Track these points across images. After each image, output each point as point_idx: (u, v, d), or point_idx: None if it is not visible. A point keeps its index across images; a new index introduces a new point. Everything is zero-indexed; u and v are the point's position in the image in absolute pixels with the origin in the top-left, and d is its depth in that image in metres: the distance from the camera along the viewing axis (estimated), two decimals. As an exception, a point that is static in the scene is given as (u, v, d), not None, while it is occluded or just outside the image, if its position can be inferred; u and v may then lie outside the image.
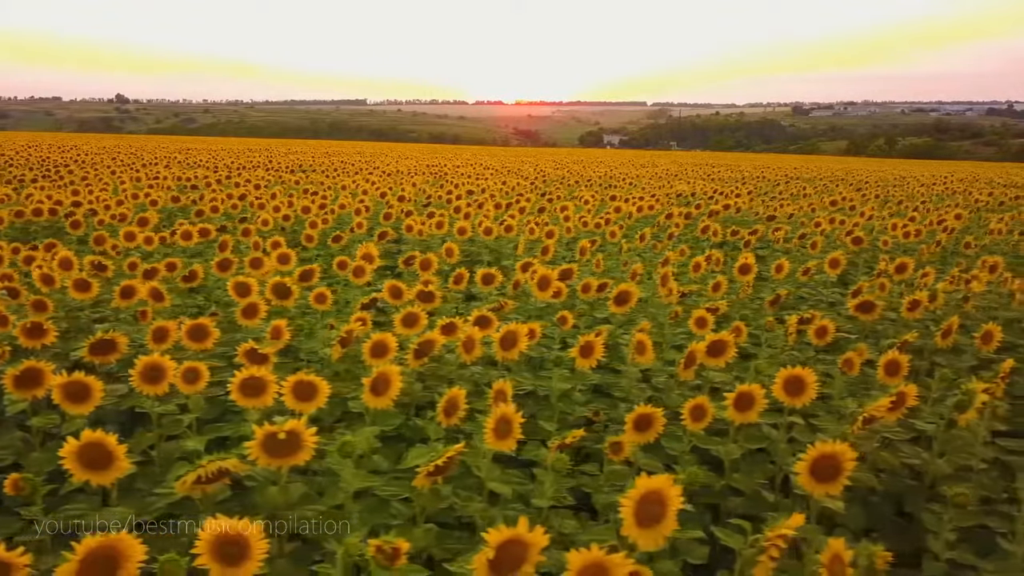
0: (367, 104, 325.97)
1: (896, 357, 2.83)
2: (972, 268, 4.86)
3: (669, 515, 1.44)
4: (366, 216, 7.21)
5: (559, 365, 2.80)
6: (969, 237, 6.25)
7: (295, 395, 2.26)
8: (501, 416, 1.91)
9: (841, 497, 1.94)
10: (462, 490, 2.05)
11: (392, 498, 1.97)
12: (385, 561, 1.37)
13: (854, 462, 1.90)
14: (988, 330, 3.33)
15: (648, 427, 2.37)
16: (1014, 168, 36.41)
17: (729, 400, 2.34)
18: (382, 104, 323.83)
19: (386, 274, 5.54)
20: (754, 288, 5.02)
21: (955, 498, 1.96)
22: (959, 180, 17.91)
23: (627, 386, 2.97)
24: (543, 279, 3.79)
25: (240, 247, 5.51)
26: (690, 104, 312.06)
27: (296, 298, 3.67)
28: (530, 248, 5.70)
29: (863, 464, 2.51)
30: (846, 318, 4.06)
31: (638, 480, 1.42)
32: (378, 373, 2.30)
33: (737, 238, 6.31)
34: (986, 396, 2.38)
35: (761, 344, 3.52)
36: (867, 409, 2.32)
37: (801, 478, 1.89)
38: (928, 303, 3.85)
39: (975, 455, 2.49)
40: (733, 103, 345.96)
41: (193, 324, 2.78)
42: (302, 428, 1.83)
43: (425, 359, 2.85)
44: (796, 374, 2.36)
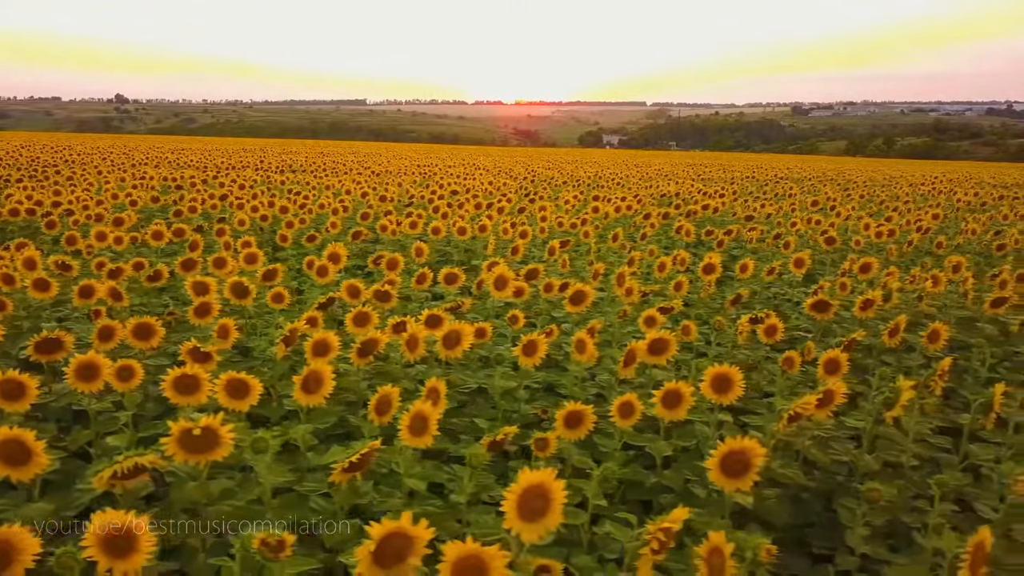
0: (367, 104, 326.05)
1: (836, 355, 2.86)
2: (936, 268, 4.89)
3: (554, 509, 1.47)
4: (344, 216, 7.25)
5: (501, 363, 2.83)
6: (941, 237, 6.28)
7: (228, 393, 2.29)
8: (416, 413, 1.94)
9: (751, 492, 1.98)
10: (386, 487, 2.08)
11: (311, 493, 2.00)
12: (270, 553, 1.40)
13: (764, 458, 1.94)
14: (935, 328, 3.36)
15: (579, 424, 2.40)
16: (1011, 168, 36.44)
17: (657, 397, 2.37)
18: (382, 104, 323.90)
19: (357, 273, 5.58)
20: (723, 288, 5.06)
21: (867, 493, 1.99)
22: (949, 180, 17.94)
23: (570, 384, 2.99)
24: (499, 278, 3.82)
25: (214, 247, 5.54)
26: (690, 104, 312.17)
27: (255, 297, 3.71)
28: (503, 248, 5.74)
29: (794, 461, 2.54)
30: (806, 317, 4.09)
31: (521, 474, 1.45)
32: (309, 371, 2.33)
33: (711, 238, 6.34)
34: (912, 393, 2.42)
35: (711, 343, 3.54)
36: (792, 406, 2.35)
37: (712, 474, 1.92)
38: (882, 302, 3.88)
39: (906, 451, 2.52)
40: (733, 103, 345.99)
41: (138, 323, 2.81)
42: (218, 424, 1.86)
43: (370, 357, 2.89)
44: (723, 372, 2.39)
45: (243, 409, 2.31)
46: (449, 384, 3.05)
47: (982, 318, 4.04)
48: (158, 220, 6.57)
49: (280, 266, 4.39)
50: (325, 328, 3.26)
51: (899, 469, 2.55)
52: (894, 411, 2.42)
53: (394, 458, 1.99)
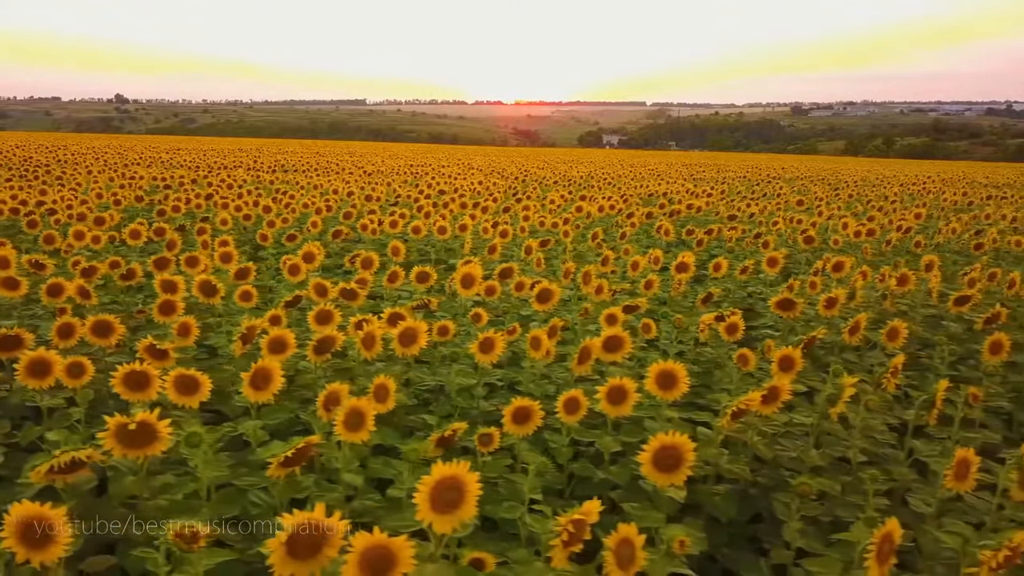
0: (367, 104, 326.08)
1: (790, 353, 2.88)
2: (908, 267, 4.91)
3: (467, 500, 1.50)
4: (327, 215, 7.29)
5: (456, 361, 2.86)
6: (920, 236, 6.30)
7: (178, 389, 2.32)
8: (352, 409, 1.97)
9: (684, 487, 2.00)
10: (328, 482, 2.11)
11: (251, 488, 2.03)
12: (184, 545, 1.43)
13: (694, 453, 1.96)
14: (893, 327, 3.39)
15: (527, 420, 2.42)
16: (1007, 168, 36.46)
17: (602, 393, 2.39)
18: (382, 104, 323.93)
19: (336, 272, 5.61)
20: (702, 287, 5.08)
21: (798, 487, 2.02)
22: (941, 180, 17.96)
23: (527, 381, 3.02)
24: (466, 277, 3.85)
25: (195, 246, 5.57)
26: (689, 104, 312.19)
27: (225, 296, 3.74)
28: (481, 247, 5.76)
29: (741, 457, 2.57)
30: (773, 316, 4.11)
31: (433, 467, 1.48)
32: (256, 368, 2.36)
33: (692, 238, 6.36)
34: (853, 389, 2.44)
35: (671, 341, 3.57)
36: (735, 403, 2.38)
37: (644, 469, 1.94)
38: (846, 301, 3.90)
39: (852, 447, 2.55)
40: (732, 103, 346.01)
41: (96, 320, 2.85)
42: (154, 419, 1.89)
43: (328, 355, 2.91)
44: (667, 368, 2.42)
45: (193, 405, 2.34)
46: (408, 382, 3.08)
47: (947, 316, 4.06)
48: (141, 219, 6.60)
49: (252, 265, 4.42)
50: (294, 326, 3.30)
51: (847, 465, 2.58)
52: (837, 407, 2.45)
53: (332, 453, 2.02)
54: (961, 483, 1.98)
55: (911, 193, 12.79)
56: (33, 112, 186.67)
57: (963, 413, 2.54)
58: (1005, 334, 3.36)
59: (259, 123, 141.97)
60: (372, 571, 1.37)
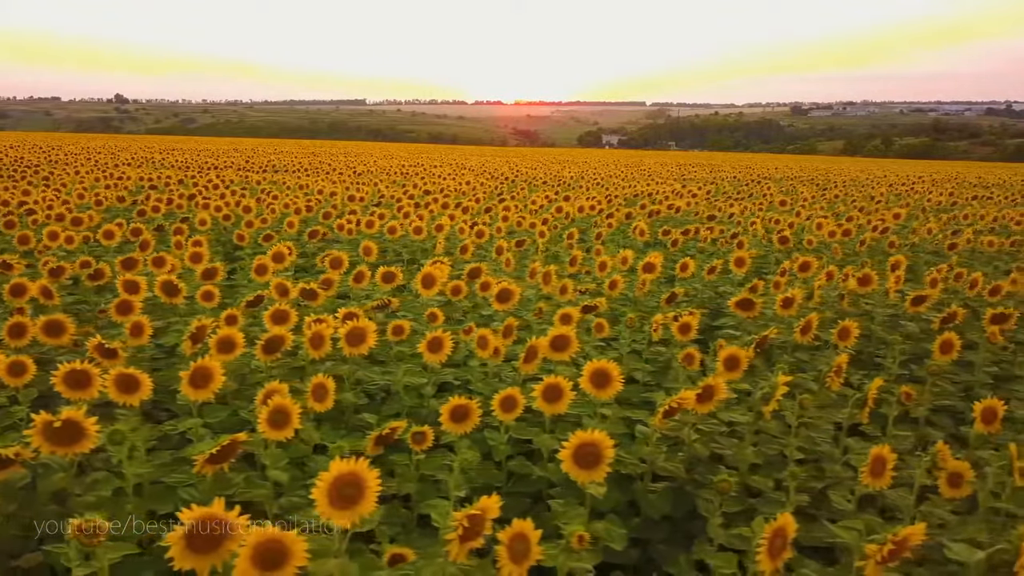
0: (366, 104, 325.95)
1: (735, 352, 2.91)
2: (873, 267, 4.94)
3: (367, 497, 1.53)
4: (307, 215, 7.33)
5: (401, 360, 2.89)
6: (894, 236, 6.33)
7: (118, 387, 2.35)
8: (276, 407, 2.00)
9: (604, 483, 2.03)
10: (258, 479, 2.14)
11: (180, 484, 2.06)
12: (85, 539, 1.46)
13: (614, 450, 2.00)
14: (844, 327, 3.42)
15: (465, 418, 2.46)
16: (1003, 168, 36.48)
17: (538, 391, 2.42)
18: (381, 104, 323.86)
19: (310, 271, 5.64)
20: (674, 287, 5.11)
21: (718, 484, 2.05)
22: (931, 181, 17.98)
23: (476, 380, 3.06)
24: (427, 277, 3.88)
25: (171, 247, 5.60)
26: (689, 104, 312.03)
27: (187, 296, 3.77)
28: (454, 248, 5.79)
29: (678, 455, 2.60)
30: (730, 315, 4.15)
31: (332, 464, 1.51)
32: (196, 367, 2.39)
33: (667, 238, 6.39)
34: (786, 388, 2.48)
35: (625, 340, 3.60)
36: (667, 401, 2.41)
37: (565, 465, 1.98)
38: (803, 300, 3.93)
39: (788, 445, 2.58)
40: (732, 103, 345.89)
41: (48, 320, 2.88)
42: (81, 417, 1.92)
43: (277, 354, 2.95)
44: (601, 367, 2.45)
45: (134, 403, 2.37)
46: (357, 381, 3.12)
47: (905, 316, 4.10)
48: (119, 220, 6.64)
49: (220, 265, 4.46)
50: (257, 326, 3.33)
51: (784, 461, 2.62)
52: (769, 406, 2.49)
53: (258, 450, 2.05)
54: (877, 480, 2.02)
55: (897, 193, 12.82)
56: (33, 112, 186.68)
57: (897, 412, 2.57)
58: (956, 334, 3.40)
59: (258, 123, 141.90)
60: (264, 565, 1.40)
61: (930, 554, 1.92)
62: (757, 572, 1.54)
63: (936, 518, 2.06)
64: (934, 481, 2.10)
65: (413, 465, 2.37)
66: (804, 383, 3.26)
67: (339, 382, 3.11)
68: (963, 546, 1.60)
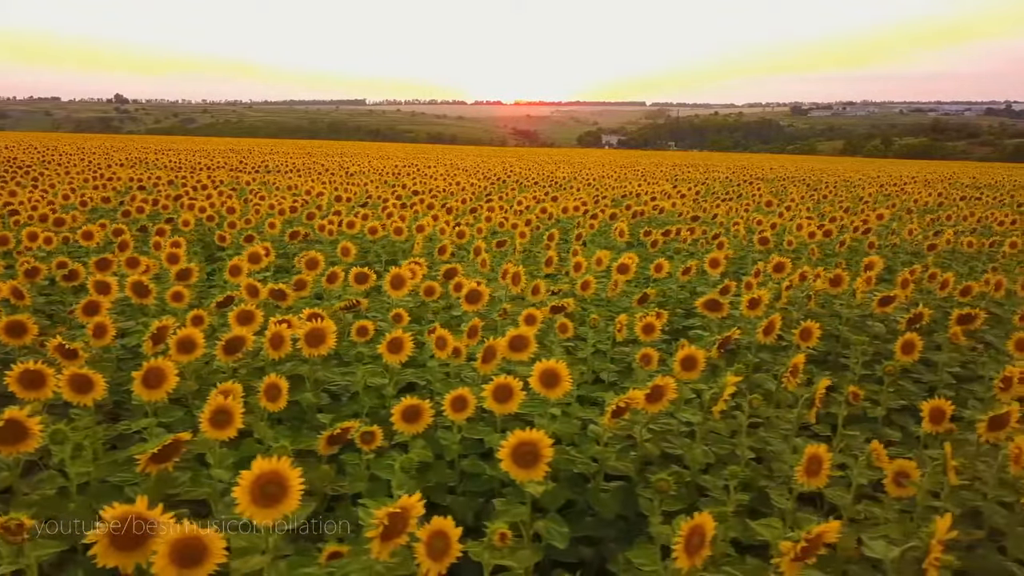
0: (366, 104, 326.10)
1: (692, 352, 2.94)
2: (842, 268, 4.96)
3: (290, 495, 1.56)
4: (291, 216, 7.35)
5: (361, 361, 2.92)
6: (873, 237, 6.36)
7: (72, 388, 2.38)
8: (217, 407, 2.03)
9: (544, 482, 2.06)
10: (206, 478, 2.17)
11: (125, 484, 2.09)
12: (9, 537, 1.49)
13: (552, 449, 2.02)
14: (806, 327, 3.44)
15: (417, 418, 2.49)
16: (999, 168, 36.52)
17: (488, 391, 2.45)
18: (381, 104, 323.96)
19: (291, 272, 5.67)
20: (648, 287, 5.13)
21: (656, 483, 2.07)
22: (924, 181, 18.00)
23: (435, 380, 3.08)
24: (396, 278, 3.91)
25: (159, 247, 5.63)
26: (689, 104, 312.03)
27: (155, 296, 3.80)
28: (431, 248, 5.82)
29: (630, 454, 2.62)
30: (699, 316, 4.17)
31: (254, 462, 1.54)
32: (148, 367, 2.41)
33: (648, 239, 6.42)
34: (734, 388, 2.50)
35: (587, 341, 3.63)
36: (615, 400, 2.44)
37: (504, 464, 2.00)
38: (771, 301, 3.96)
39: (738, 445, 2.61)
40: (732, 103, 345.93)
41: (9, 321, 2.90)
42: (23, 417, 1.94)
43: (239, 354, 2.97)
44: (550, 367, 2.47)
45: (88, 403, 2.40)
46: (317, 382, 3.14)
47: (872, 316, 4.12)
48: (103, 221, 6.66)
49: (194, 266, 4.49)
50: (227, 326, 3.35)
51: (735, 460, 2.64)
52: (718, 406, 2.51)
53: (200, 450, 2.08)
54: (813, 479, 2.04)
55: (887, 194, 12.85)
56: (33, 112, 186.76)
57: (847, 412, 2.59)
58: (921, 335, 3.42)
59: (258, 123, 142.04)
60: (183, 562, 1.43)
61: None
62: (675, 569, 1.56)
63: (874, 516, 2.08)
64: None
65: (364, 465, 2.39)
66: (765, 383, 3.29)
67: (300, 382, 3.15)
68: (881, 543, 1.62)
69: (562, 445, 2.72)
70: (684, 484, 2.58)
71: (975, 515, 2.33)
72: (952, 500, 2.15)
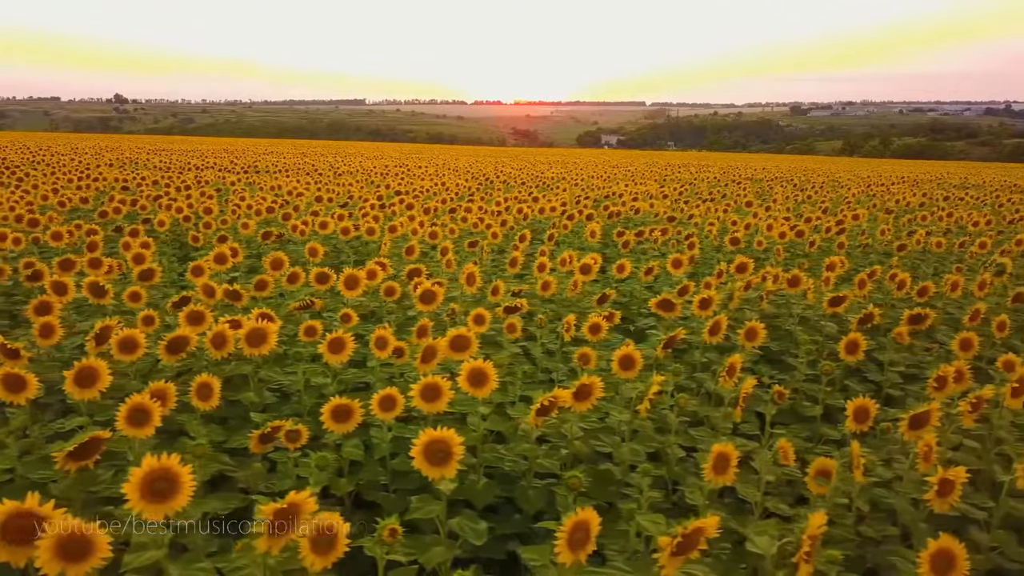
0: (366, 104, 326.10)
1: (629, 352, 2.97)
2: (796, 268, 5.00)
3: (181, 491, 1.60)
4: (268, 216, 7.39)
5: (300, 360, 2.95)
6: (843, 238, 6.39)
7: (4, 387, 2.42)
8: (134, 405, 2.06)
9: (456, 480, 2.10)
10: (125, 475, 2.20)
11: (46, 481, 2.13)
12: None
13: (463, 447, 2.06)
14: (751, 327, 3.48)
15: (347, 417, 2.53)
16: (997, 168, 36.53)
17: (415, 391, 2.48)
18: (381, 104, 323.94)
19: (260, 272, 5.71)
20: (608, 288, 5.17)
21: (568, 481, 2.11)
22: (912, 181, 18.03)
23: (375, 380, 3.12)
24: (350, 278, 3.94)
25: (130, 248, 5.66)
26: (689, 104, 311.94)
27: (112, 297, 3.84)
28: (398, 248, 5.85)
29: (558, 452, 2.66)
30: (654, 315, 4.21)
31: (144, 459, 1.57)
32: (80, 366, 2.44)
33: (621, 239, 6.45)
34: (659, 387, 2.54)
35: (537, 340, 3.66)
36: (540, 398, 2.48)
37: (416, 461, 2.04)
38: (724, 302, 4.00)
39: (667, 443, 2.64)
40: (732, 103, 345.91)
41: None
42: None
43: (182, 354, 3.01)
44: (478, 367, 2.51)
45: (20, 402, 2.44)
46: (260, 381, 3.18)
47: (824, 317, 4.16)
48: (79, 221, 6.70)
49: (159, 266, 4.52)
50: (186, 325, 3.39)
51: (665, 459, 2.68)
52: (643, 404, 2.55)
53: (121, 447, 2.11)
54: (720, 476, 2.07)
55: (872, 194, 12.88)
56: (32, 112, 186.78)
57: (774, 411, 2.63)
58: (866, 335, 3.46)
59: (257, 123, 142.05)
60: (68, 557, 1.47)
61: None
62: (559, 563, 1.60)
63: (782, 512, 2.12)
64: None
65: (291, 463, 2.43)
66: (707, 382, 3.33)
67: (245, 382, 3.19)
68: (765, 539, 1.66)
69: (495, 443, 2.76)
70: (614, 482, 2.62)
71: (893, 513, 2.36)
72: (863, 497, 2.18)
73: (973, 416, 2.53)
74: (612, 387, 3.14)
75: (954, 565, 1.60)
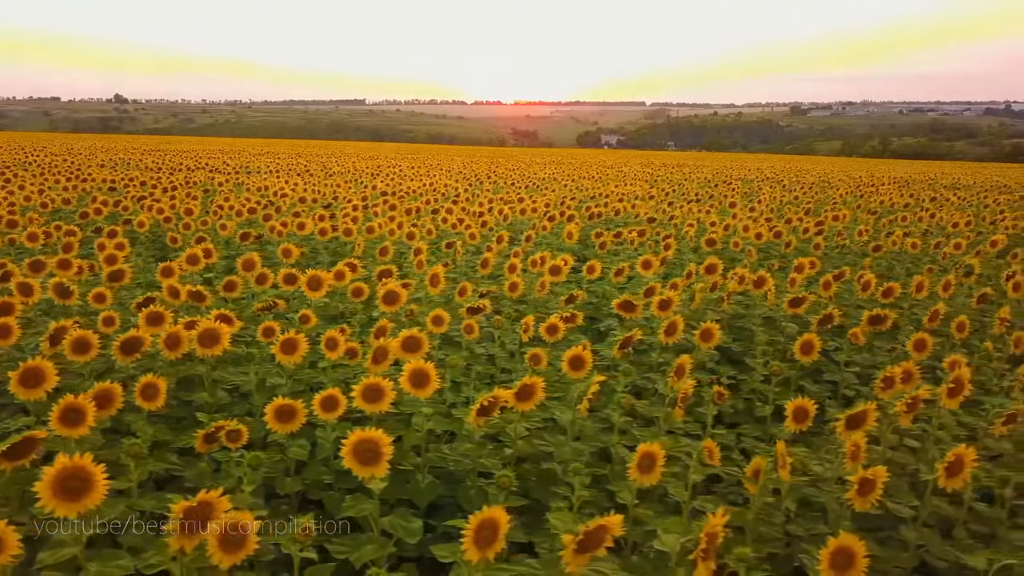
0: (366, 104, 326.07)
1: (578, 352, 3.00)
2: (762, 269, 5.03)
3: (94, 490, 1.63)
4: (249, 217, 7.43)
5: (251, 361, 2.99)
6: (819, 239, 6.42)
7: (-49, 387, 2.45)
8: (67, 405, 2.09)
9: (386, 479, 2.12)
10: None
11: (-18, 480, 2.16)
12: None
13: (391, 447, 2.09)
14: (707, 328, 3.51)
15: (291, 418, 2.56)
16: (993, 168, 36.53)
17: (357, 392, 2.51)
18: (381, 104, 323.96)
19: (235, 273, 5.74)
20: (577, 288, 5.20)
21: (499, 479, 2.14)
22: (902, 182, 18.05)
23: (328, 382, 3.14)
24: (313, 279, 3.97)
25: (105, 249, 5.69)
26: (689, 104, 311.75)
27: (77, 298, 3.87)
28: (373, 249, 5.88)
29: (501, 452, 2.69)
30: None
31: (57, 458, 1.61)
32: (25, 367, 2.47)
33: (598, 240, 6.48)
34: (597, 387, 2.57)
35: (496, 341, 3.69)
36: (481, 398, 2.51)
37: (346, 461, 2.07)
38: (686, 303, 4.03)
39: (610, 443, 2.67)
40: (732, 103, 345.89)
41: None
42: None
43: (136, 355, 3.04)
44: (420, 367, 2.54)
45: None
46: (213, 382, 3.21)
47: (784, 317, 4.19)
48: (59, 223, 6.73)
49: (129, 267, 4.56)
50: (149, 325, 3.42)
51: (608, 459, 2.71)
52: (583, 404, 2.58)
53: (56, 446, 2.14)
54: (646, 475, 2.10)
55: (860, 195, 12.90)
56: (32, 112, 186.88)
57: (715, 411, 2.66)
58: (825, 335, 3.49)
59: (257, 123, 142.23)
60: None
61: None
62: (466, 561, 1.63)
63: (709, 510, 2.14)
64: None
65: (232, 463, 2.46)
66: (658, 382, 3.35)
67: (201, 382, 3.23)
68: (672, 537, 1.69)
69: (439, 443, 2.79)
70: (556, 481, 2.65)
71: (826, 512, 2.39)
72: (791, 496, 2.21)
73: (909, 416, 2.56)
74: (566, 387, 3.18)
75: (853, 563, 1.63)
